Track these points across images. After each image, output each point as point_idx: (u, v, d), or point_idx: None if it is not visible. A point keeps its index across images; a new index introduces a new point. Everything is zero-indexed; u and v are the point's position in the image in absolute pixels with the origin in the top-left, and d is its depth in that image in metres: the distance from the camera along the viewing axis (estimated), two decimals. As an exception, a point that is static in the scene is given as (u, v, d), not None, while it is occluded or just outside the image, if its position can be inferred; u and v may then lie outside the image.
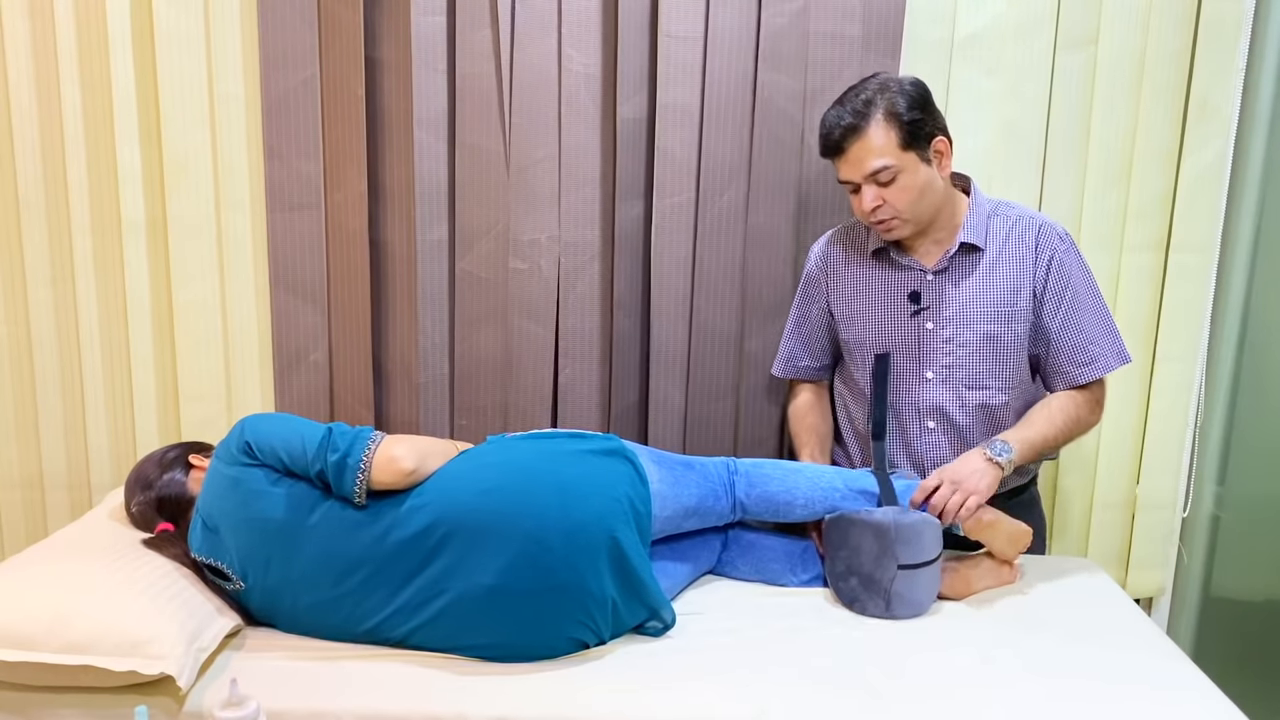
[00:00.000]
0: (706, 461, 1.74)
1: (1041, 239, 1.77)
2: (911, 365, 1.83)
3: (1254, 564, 2.16)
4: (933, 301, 1.80)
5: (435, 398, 2.11)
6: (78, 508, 2.22)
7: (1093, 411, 1.80)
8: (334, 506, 1.50)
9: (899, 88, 1.70)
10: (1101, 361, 1.78)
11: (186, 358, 2.14)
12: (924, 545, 1.61)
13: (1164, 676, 1.45)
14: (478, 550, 1.46)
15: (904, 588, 1.61)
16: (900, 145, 1.68)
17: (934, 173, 1.73)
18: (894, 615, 1.62)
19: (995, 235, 1.79)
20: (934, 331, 1.80)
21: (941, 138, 1.72)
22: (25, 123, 2.07)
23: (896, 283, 1.83)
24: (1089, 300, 1.78)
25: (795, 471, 1.75)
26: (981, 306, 1.77)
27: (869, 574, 1.62)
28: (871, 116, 1.68)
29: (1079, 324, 1.78)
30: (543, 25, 1.98)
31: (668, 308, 2.05)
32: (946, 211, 1.78)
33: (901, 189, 1.70)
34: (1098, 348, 1.77)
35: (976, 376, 1.80)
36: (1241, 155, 2.07)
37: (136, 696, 1.35)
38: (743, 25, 1.96)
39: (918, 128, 1.69)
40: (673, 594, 1.69)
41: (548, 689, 1.40)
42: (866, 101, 1.69)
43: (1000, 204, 1.83)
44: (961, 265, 1.79)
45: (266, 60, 2.00)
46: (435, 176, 2.03)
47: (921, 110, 1.69)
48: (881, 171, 1.69)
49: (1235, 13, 1.98)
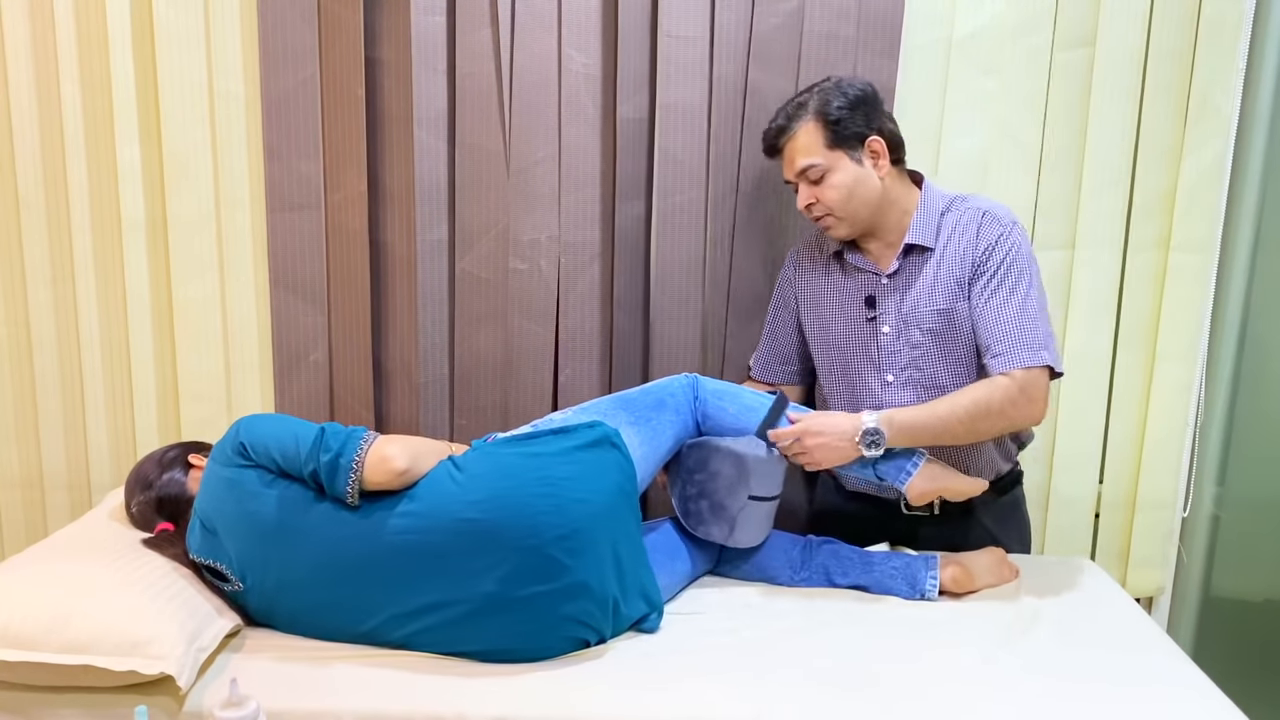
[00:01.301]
0: (675, 390, 1.74)
1: (984, 226, 1.73)
2: (872, 370, 1.82)
3: (1254, 564, 2.16)
4: (888, 305, 1.79)
5: (435, 398, 2.11)
6: (78, 508, 2.22)
7: (1014, 404, 1.67)
8: (329, 508, 1.50)
9: (837, 89, 1.72)
10: (1007, 357, 1.68)
11: (186, 357, 2.14)
12: (775, 481, 1.72)
13: (1165, 676, 1.45)
14: (475, 560, 1.46)
15: (747, 518, 1.71)
16: (826, 144, 1.72)
17: (867, 172, 1.73)
18: (734, 542, 1.73)
19: (946, 232, 1.77)
20: (890, 335, 1.80)
21: (876, 138, 1.72)
22: (25, 123, 2.07)
23: (854, 288, 1.83)
24: (1017, 292, 1.70)
25: (737, 397, 1.77)
26: (931, 305, 1.76)
27: (720, 500, 1.71)
28: (801, 117, 1.73)
29: (997, 312, 1.71)
30: (543, 25, 1.98)
31: (668, 307, 2.05)
32: (895, 212, 1.77)
33: (831, 187, 1.73)
34: (1007, 342, 1.69)
35: (936, 375, 1.79)
36: (1241, 155, 2.07)
37: (136, 696, 1.35)
38: (744, 25, 1.96)
39: (845, 127, 1.71)
40: (673, 593, 1.70)
41: (547, 689, 1.40)
42: (800, 104, 1.75)
43: (957, 199, 1.79)
44: (912, 266, 1.78)
45: (266, 60, 2.00)
46: (435, 176, 2.03)
47: (853, 110, 1.71)
48: (810, 169, 1.73)
49: (1235, 13, 1.98)
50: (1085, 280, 2.10)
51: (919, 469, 1.71)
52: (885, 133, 1.74)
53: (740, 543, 1.73)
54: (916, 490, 1.71)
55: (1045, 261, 2.09)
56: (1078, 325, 2.12)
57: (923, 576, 1.71)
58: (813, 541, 1.79)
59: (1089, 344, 2.12)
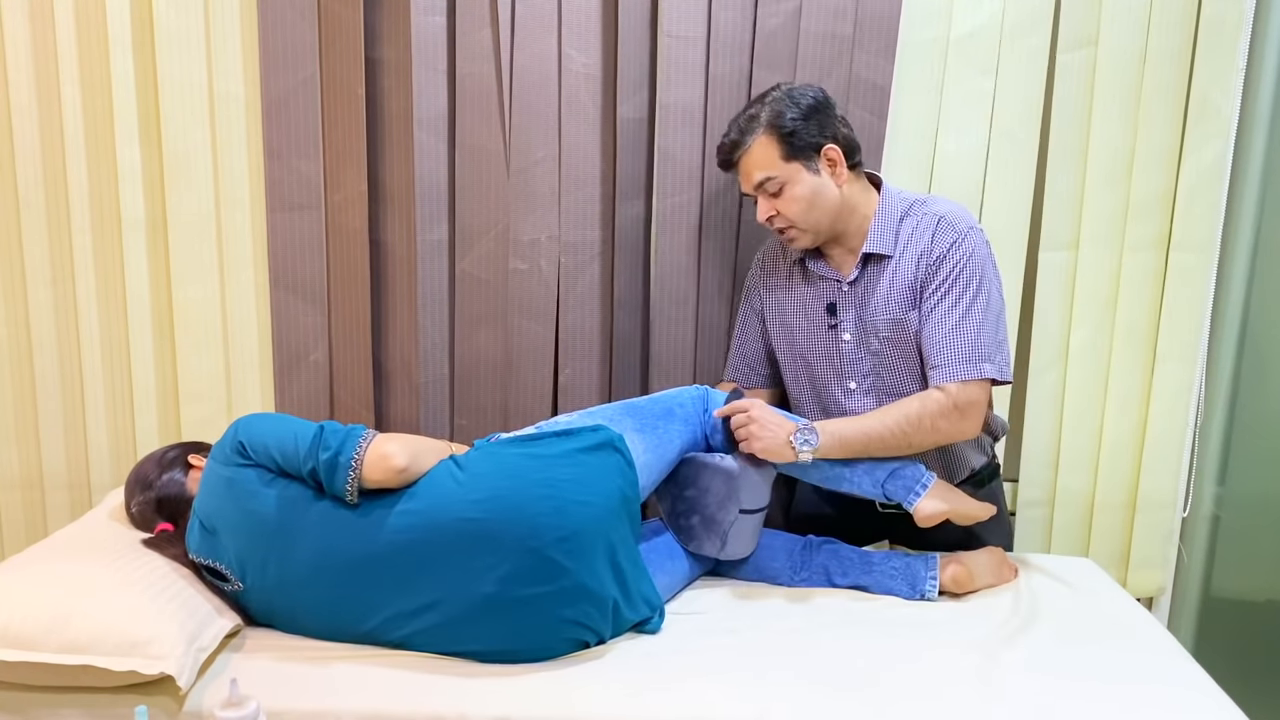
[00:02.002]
0: (685, 401, 1.74)
1: (939, 232, 1.71)
2: (835, 378, 1.82)
3: (1254, 564, 2.16)
4: (848, 313, 1.79)
5: (435, 398, 2.11)
6: (78, 508, 2.22)
7: (946, 418, 1.68)
8: (329, 507, 1.50)
9: (788, 99, 1.70)
10: (944, 369, 1.68)
11: (186, 357, 2.14)
12: (763, 493, 1.72)
13: (1167, 675, 1.45)
14: (475, 560, 1.45)
15: (739, 531, 1.71)
16: (782, 157, 1.70)
17: (825, 182, 1.72)
18: (726, 555, 1.73)
19: (904, 238, 1.75)
20: (850, 344, 1.79)
21: (832, 146, 1.71)
22: (25, 123, 2.07)
23: (816, 295, 1.82)
24: (962, 302, 1.68)
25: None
26: (886, 314, 1.75)
27: (711, 515, 1.71)
28: (753, 131, 1.71)
29: (939, 324, 1.70)
30: (543, 25, 1.98)
31: (668, 308, 2.05)
32: (856, 219, 1.76)
33: (790, 199, 1.72)
34: (945, 355, 1.68)
35: (897, 382, 1.78)
36: (1241, 155, 2.07)
37: (136, 696, 1.35)
38: (743, 25, 1.96)
39: (800, 138, 1.69)
40: (672, 593, 1.70)
41: (547, 689, 1.40)
42: (751, 116, 1.72)
43: (916, 202, 1.77)
44: (871, 274, 1.76)
45: (266, 60, 2.00)
46: (435, 176, 2.03)
47: (807, 120, 1.69)
48: (767, 183, 1.72)
49: (1235, 13, 1.98)
50: (1085, 280, 2.10)
51: (929, 490, 1.70)
52: (840, 139, 1.72)
53: (732, 555, 1.74)
54: (924, 512, 1.70)
55: (1045, 261, 2.10)
56: (1078, 325, 2.12)
57: (923, 576, 1.71)
58: (813, 542, 1.79)
59: (1089, 344, 2.12)
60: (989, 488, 1.89)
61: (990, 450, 1.89)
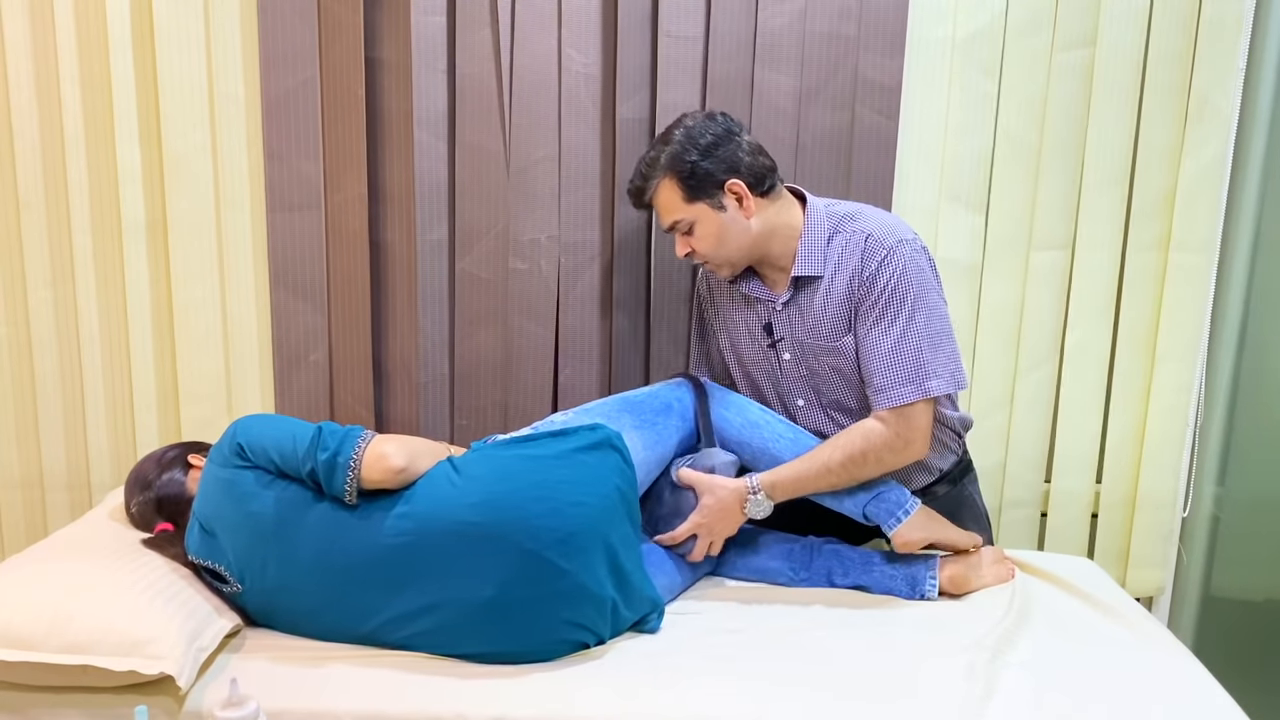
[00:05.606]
0: (683, 395, 1.75)
1: (867, 252, 1.67)
2: (783, 395, 1.83)
3: (1254, 564, 2.16)
4: (784, 333, 1.78)
5: (435, 398, 2.11)
6: (78, 508, 2.22)
7: (890, 448, 1.65)
8: (327, 508, 1.49)
9: (687, 139, 1.68)
10: (884, 393, 1.65)
11: (186, 358, 2.14)
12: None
13: (1168, 673, 1.45)
14: (473, 563, 1.45)
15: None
16: (685, 199, 1.69)
17: (732, 216, 1.70)
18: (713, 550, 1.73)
19: (835, 257, 1.71)
20: (791, 363, 1.79)
21: (735, 181, 1.68)
22: (25, 123, 2.07)
23: (754, 315, 1.82)
24: (898, 322, 1.65)
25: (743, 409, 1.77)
26: (822, 337, 1.73)
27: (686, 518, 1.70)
28: (654, 175, 1.71)
29: (874, 346, 1.67)
30: (543, 25, 1.98)
31: (668, 308, 2.06)
32: (779, 241, 1.73)
33: (700, 238, 1.72)
34: (883, 378, 1.65)
35: (841, 401, 1.78)
36: (1241, 155, 2.07)
37: (136, 696, 1.35)
38: (744, 25, 1.96)
39: (700, 178, 1.67)
40: (673, 594, 1.70)
41: (547, 689, 1.40)
42: (652, 161, 1.71)
43: (845, 218, 1.72)
44: (804, 295, 1.74)
45: (266, 60, 2.00)
46: (435, 176, 2.04)
47: (705, 157, 1.67)
48: (678, 224, 1.72)
49: (1235, 13, 1.98)
50: (1085, 280, 2.10)
51: (910, 517, 1.69)
52: (743, 170, 1.69)
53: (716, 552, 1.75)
54: (903, 539, 1.69)
55: (1045, 261, 2.10)
56: (1077, 325, 2.12)
57: (922, 576, 1.71)
58: (813, 542, 1.79)
59: (1089, 344, 2.12)
60: (961, 485, 1.88)
61: (959, 448, 1.87)
